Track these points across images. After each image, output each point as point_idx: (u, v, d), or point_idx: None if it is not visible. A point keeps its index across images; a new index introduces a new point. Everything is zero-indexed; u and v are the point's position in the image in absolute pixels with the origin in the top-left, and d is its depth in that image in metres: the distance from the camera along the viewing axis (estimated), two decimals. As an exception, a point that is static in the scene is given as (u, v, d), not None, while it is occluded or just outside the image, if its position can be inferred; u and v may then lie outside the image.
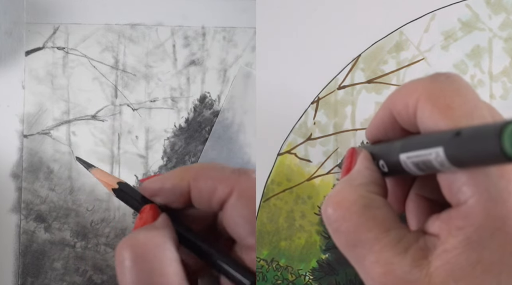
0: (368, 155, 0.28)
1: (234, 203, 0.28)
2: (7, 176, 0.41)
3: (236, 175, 0.28)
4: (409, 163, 0.24)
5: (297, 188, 0.36)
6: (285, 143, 0.36)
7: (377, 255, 0.23)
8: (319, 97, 0.36)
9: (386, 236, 0.23)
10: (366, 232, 0.24)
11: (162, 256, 0.27)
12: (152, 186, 0.30)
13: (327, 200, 0.25)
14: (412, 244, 0.23)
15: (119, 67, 0.41)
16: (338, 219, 0.24)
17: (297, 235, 0.36)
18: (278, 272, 0.36)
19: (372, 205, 0.24)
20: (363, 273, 0.24)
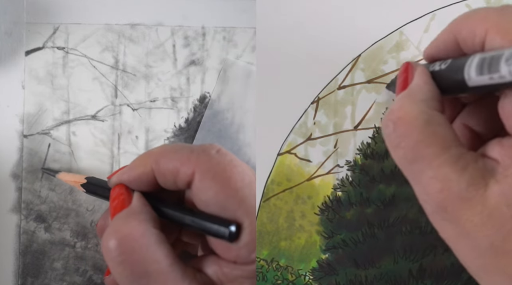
0: (426, 70, 0.27)
1: (199, 185, 0.28)
2: (7, 176, 0.41)
3: (195, 156, 0.28)
4: (474, 67, 0.23)
5: (297, 188, 0.36)
6: (285, 143, 0.36)
7: (436, 171, 0.23)
8: (319, 97, 0.36)
9: (445, 153, 0.23)
10: (426, 148, 0.24)
11: (149, 243, 0.27)
12: (119, 179, 0.31)
13: (388, 116, 0.25)
14: (470, 163, 0.23)
15: (119, 67, 0.41)
16: (400, 135, 0.24)
17: (297, 235, 0.36)
18: (278, 272, 0.36)
19: (433, 121, 0.24)
20: (420, 189, 0.24)
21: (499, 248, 0.22)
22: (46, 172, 0.40)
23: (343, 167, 0.36)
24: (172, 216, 0.30)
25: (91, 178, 0.34)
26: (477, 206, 0.22)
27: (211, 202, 0.28)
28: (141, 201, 0.29)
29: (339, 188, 0.36)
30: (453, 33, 0.26)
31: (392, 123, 0.25)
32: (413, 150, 0.24)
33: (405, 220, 0.35)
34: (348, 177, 0.36)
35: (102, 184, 0.33)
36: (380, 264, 0.35)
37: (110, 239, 0.27)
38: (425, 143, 0.24)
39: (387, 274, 0.35)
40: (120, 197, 0.30)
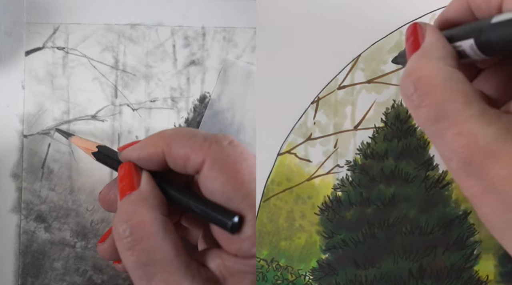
0: (436, 28, 0.27)
1: (207, 174, 0.28)
2: (7, 176, 0.41)
3: (207, 145, 0.28)
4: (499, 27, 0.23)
5: (297, 188, 0.36)
6: (285, 143, 0.36)
7: (461, 127, 0.23)
8: (319, 97, 0.36)
9: (470, 108, 0.23)
10: (450, 104, 0.23)
11: (158, 231, 0.27)
12: (129, 155, 0.31)
13: (406, 77, 0.25)
14: (494, 118, 0.23)
15: (119, 67, 0.41)
16: (421, 95, 0.24)
17: (297, 235, 0.36)
18: (278, 272, 0.36)
19: (453, 78, 0.24)
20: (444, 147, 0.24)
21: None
22: (60, 133, 0.40)
23: (343, 167, 0.36)
24: (177, 199, 0.30)
25: (102, 147, 0.34)
26: (504, 159, 0.22)
27: (217, 192, 0.28)
28: (150, 184, 0.29)
29: (339, 188, 0.36)
30: (466, 1, 0.26)
31: (412, 83, 0.24)
32: (436, 108, 0.24)
33: (405, 220, 0.35)
34: (348, 177, 0.36)
35: (113, 155, 0.33)
36: (380, 264, 0.35)
37: (121, 224, 0.27)
38: (448, 100, 0.23)
39: (387, 274, 0.35)
40: (128, 177, 0.30)
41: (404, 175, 0.35)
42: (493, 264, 0.35)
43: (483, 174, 0.23)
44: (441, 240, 0.35)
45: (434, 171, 0.35)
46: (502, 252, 0.34)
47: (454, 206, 0.35)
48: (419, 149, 0.35)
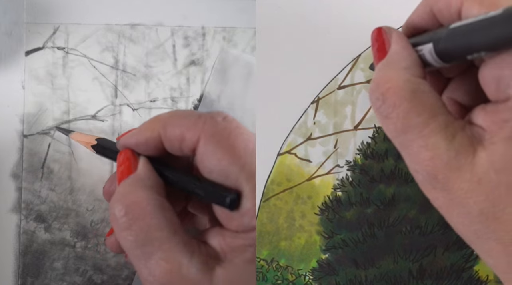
0: (401, 34, 0.27)
1: (203, 151, 0.28)
2: (7, 176, 0.41)
3: (202, 122, 0.28)
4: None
5: (297, 188, 0.36)
6: (285, 143, 0.36)
7: (426, 140, 0.23)
8: (319, 97, 0.36)
9: (434, 121, 0.24)
10: (416, 117, 0.24)
11: (154, 210, 0.27)
12: (127, 142, 0.31)
13: (375, 89, 0.25)
14: (459, 131, 0.23)
15: (119, 67, 0.41)
16: (389, 106, 0.24)
17: (297, 235, 0.36)
18: (278, 272, 0.36)
19: (419, 89, 0.24)
20: (410, 158, 0.24)
21: (489, 214, 0.22)
22: (60, 130, 0.40)
23: (343, 167, 0.36)
24: (176, 182, 0.30)
25: (101, 139, 0.34)
26: (466, 173, 0.23)
27: (214, 169, 0.28)
28: (146, 167, 0.29)
29: (339, 188, 0.36)
30: (429, 6, 0.26)
31: (381, 95, 0.25)
32: (403, 121, 0.24)
33: (405, 220, 0.35)
34: (348, 177, 0.36)
35: (111, 146, 0.33)
36: (380, 264, 0.35)
37: (117, 205, 0.27)
38: (414, 113, 0.24)
39: (387, 274, 0.35)
40: (126, 162, 0.30)
41: (404, 175, 0.35)
42: (493, 264, 0.35)
43: (447, 188, 0.23)
44: (441, 240, 0.35)
45: (434, 171, 0.35)
46: (502, 252, 0.34)
47: (454, 206, 0.35)
48: (419, 149, 0.35)
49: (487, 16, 0.22)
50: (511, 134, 0.22)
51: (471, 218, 0.23)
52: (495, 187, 0.22)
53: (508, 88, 0.22)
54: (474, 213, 0.23)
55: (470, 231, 0.24)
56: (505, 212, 0.22)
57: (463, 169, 0.23)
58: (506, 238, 0.22)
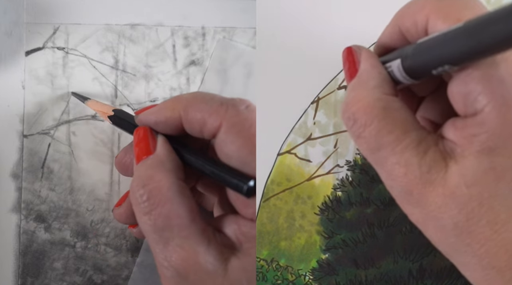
0: (371, 52, 0.28)
1: (223, 138, 0.28)
2: (7, 176, 0.41)
3: (224, 109, 0.28)
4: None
5: (297, 188, 0.36)
6: (285, 143, 0.36)
7: (399, 156, 0.24)
8: (319, 97, 0.36)
9: (407, 137, 0.24)
10: (388, 135, 0.24)
11: (174, 196, 0.27)
12: (146, 119, 0.30)
13: (346, 108, 0.25)
14: (431, 146, 0.24)
15: (119, 67, 0.41)
16: (361, 126, 0.25)
17: (297, 235, 0.36)
18: (278, 272, 0.36)
19: (390, 107, 0.25)
20: (385, 175, 0.25)
21: (463, 228, 0.23)
22: (76, 96, 0.40)
23: (343, 167, 0.36)
24: (193, 163, 0.29)
25: (118, 110, 0.34)
26: (439, 188, 0.23)
27: (233, 156, 0.28)
28: (166, 148, 0.29)
29: (339, 188, 0.36)
30: (397, 26, 0.27)
31: (352, 115, 0.25)
32: (375, 139, 0.24)
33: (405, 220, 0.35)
34: (348, 177, 0.36)
35: (129, 119, 0.33)
36: (380, 264, 0.35)
37: (138, 189, 0.27)
38: (386, 130, 0.24)
39: (387, 274, 0.35)
40: (144, 142, 0.30)
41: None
42: (493, 264, 0.35)
43: (422, 203, 0.23)
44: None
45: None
46: (502, 252, 0.34)
47: (454, 206, 0.35)
48: (419, 149, 0.35)
49: (449, 30, 0.22)
50: (480, 148, 0.22)
51: (446, 232, 0.23)
52: (467, 201, 0.22)
53: (475, 102, 0.22)
54: (448, 227, 0.23)
55: (446, 245, 0.24)
56: (479, 225, 0.22)
57: (436, 183, 0.23)
58: (481, 251, 0.22)
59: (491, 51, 0.20)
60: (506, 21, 0.18)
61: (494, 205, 0.22)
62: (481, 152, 0.22)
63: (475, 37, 0.20)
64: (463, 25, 0.21)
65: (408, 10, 0.26)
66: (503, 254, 0.22)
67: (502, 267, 0.22)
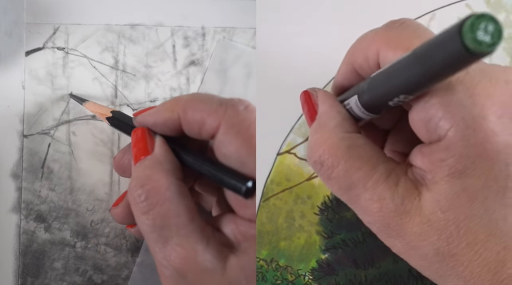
0: (328, 93, 0.28)
1: (222, 138, 0.28)
2: (7, 176, 0.41)
3: (223, 109, 0.28)
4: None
5: (296, 188, 0.36)
6: (285, 143, 0.36)
7: (371, 192, 0.24)
8: (319, 97, 0.36)
9: (376, 172, 0.24)
10: (356, 172, 0.24)
11: (173, 196, 0.27)
12: (145, 121, 0.30)
13: (310, 152, 0.26)
14: (401, 176, 0.24)
15: (119, 67, 0.41)
16: (328, 168, 0.25)
17: (296, 235, 0.36)
18: (278, 272, 0.36)
19: (354, 144, 0.25)
20: (361, 212, 0.25)
21: (445, 252, 0.23)
22: (74, 98, 0.40)
23: (343, 167, 0.36)
24: (191, 163, 0.30)
25: (116, 112, 0.34)
26: (415, 217, 0.23)
27: (231, 156, 0.28)
28: (164, 148, 0.29)
29: (338, 188, 0.36)
30: (350, 64, 0.27)
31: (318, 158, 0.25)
32: (345, 178, 0.24)
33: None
34: (347, 177, 0.36)
35: (127, 121, 0.33)
36: (380, 264, 0.35)
37: (136, 189, 0.27)
38: (354, 168, 0.24)
39: (387, 274, 0.35)
40: (142, 142, 0.30)
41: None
42: (493, 264, 0.34)
43: (401, 234, 0.23)
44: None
45: (434, 171, 0.35)
46: (502, 252, 0.34)
47: (454, 206, 0.35)
48: (419, 149, 0.35)
49: (399, 59, 0.22)
50: (450, 172, 0.22)
51: (429, 259, 0.23)
52: (444, 226, 0.22)
53: (437, 128, 0.22)
54: (430, 254, 0.23)
55: (431, 272, 0.24)
56: (459, 248, 0.22)
57: (412, 213, 0.23)
58: (465, 273, 0.23)
59: (443, 76, 0.20)
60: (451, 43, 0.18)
61: (471, 226, 0.22)
62: (451, 175, 0.22)
63: (424, 63, 0.20)
64: (412, 53, 0.21)
65: (359, 46, 0.26)
66: (486, 273, 0.22)
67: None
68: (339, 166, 0.24)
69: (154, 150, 0.29)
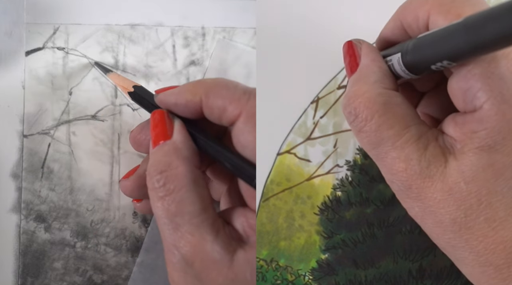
0: (371, 46, 0.28)
1: (241, 127, 0.28)
2: (7, 176, 0.41)
3: (246, 98, 0.28)
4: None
5: (296, 188, 0.36)
6: (285, 143, 0.36)
7: (399, 151, 0.24)
8: (319, 97, 0.36)
9: (407, 132, 0.24)
10: (388, 130, 0.24)
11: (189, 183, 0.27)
12: (166, 100, 0.31)
13: (348, 103, 0.26)
14: (431, 141, 0.24)
15: (119, 67, 0.41)
16: (362, 120, 0.25)
17: (296, 235, 0.36)
18: (278, 272, 0.36)
19: (391, 101, 0.25)
20: (385, 170, 0.25)
21: (461, 224, 0.23)
22: (98, 67, 0.40)
23: (343, 167, 0.36)
24: (207, 149, 0.30)
25: (138, 87, 0.34)
26: (438, 183, 0.23)
27: (248, 146, 0.28)
28: (183, 134, 0.29)
29: (338, 188, 0.36)
30: (399, 21, 0.27)
31: (354, 109, 0.25)
32: (376, 134, 0.24)
33: (405, 220, 0.35)
34: (347, 177, 0.36)
35: (148, 98, 0.33)
36: (380, 264, 0.35)
37: (155, 174, 0.28)
38: (386, 125, 0.24)
39: (387, 274, 0.35)
40: (161, 126, 0.30)
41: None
42: (493, 264, 0.34)
43: (421, 197, 0.24)
44: (441, 240, 0.35)
45: (434, 171, 0.35)
46: (502, 252, 0.34)
47: (454, 206, 0.35)
48: (419, 149, 0.35)
49: (449, 25, 0.22)
50: (480, 145, 0.22)
51: (444, 227, 0.23)
52: (466, 197, 0.22)
53: (474, 99, 0.23)
54: (446, 222, 0.23)
55: (443, 240, 0.24)
56: (477, 222, 0.22)
57: (435, 179, 0.23)
58: (479, 247, 0.23)
59: (490, 48, 0.20)
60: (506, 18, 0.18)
61: (492, 202, 0.22)
62: (480, 148, 0.22)
63: (474, 33, 0.20)
64: (463, 21, 0.21)
65: (410, 5, 0.26)
66: (501, 251, 0.22)
67: (500, 265, 0.22)
68: (373, 120, 0.24)
69: (173, 135, 0.29)
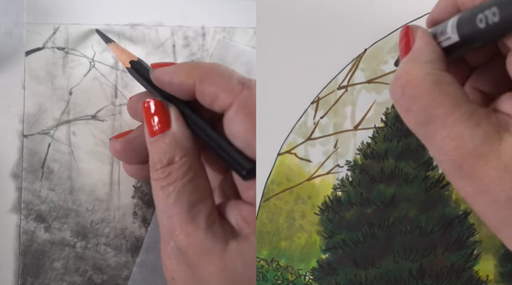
0: (426, 31, 0.27)
1: (232, 117, 0.28)
2: (7, 176, 0.41)
3: (239, 88, 0.29)
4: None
5: (297, 188, 0.36)
6: (285, 143, 0.37)
7: (449, 130, 0.23)
8: (319, 97, 0.37)
9: (457, 110, 0.23)
10: (438, 108, 0.24)
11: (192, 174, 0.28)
12: (161, 77, 0.31)
13: (395, 81, 0.25)
14: (483, 119, 0.23)
15: (119, 67, 0.41)
16: (409, 99, 0.24)
17: (297, 235, 0.36)
18: (278, 272, 0.36)
19: (441, 81, 0.24)
20: (435, 149, 0.24)
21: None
22: (100, 34, 0.40)
23: (343, 167, 0.36)
24: (200, 133, 0.30)
25: (135, 63, 0.35)
26: (492, 160, 0.22)
27: (238, 136, 0.28)
28: (180, 123, 0.30)
29: (339, 188, 0.36)
30: None
31: (401, 87, 0.25)
32: (425, 112, 0.24)
33: (405, 220, 0.35)
34: (348, 177, 0.36)
35: (144, 73, 0.34)
36: (380, 264, 0.35)
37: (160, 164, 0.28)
38: (436, 103, 0.24)
39: (387, 274, 0.35)
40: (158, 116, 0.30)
41: (404, 175, 0.35)
42: (493, 264, 0.35)
43: (474, 176, 0.23)
44: (441, 240, 0.35)
45: (434, 171, 0.35)
46: (502, 252, 0.34)
47: (454, 206, 0.35)
48: (419, 149, 0.35)
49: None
50: None
51: (498, 205, 0.23)
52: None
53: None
54: (501, 200, 0.22)
55: (496, 219, 0.23)
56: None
57: (489, 156, 0.22)
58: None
59: None
60: None
61: None
62: None
63: None
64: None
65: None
66: None
67: None
68: (421, 98, 0.24)
69: (171, 125, 0.30)
